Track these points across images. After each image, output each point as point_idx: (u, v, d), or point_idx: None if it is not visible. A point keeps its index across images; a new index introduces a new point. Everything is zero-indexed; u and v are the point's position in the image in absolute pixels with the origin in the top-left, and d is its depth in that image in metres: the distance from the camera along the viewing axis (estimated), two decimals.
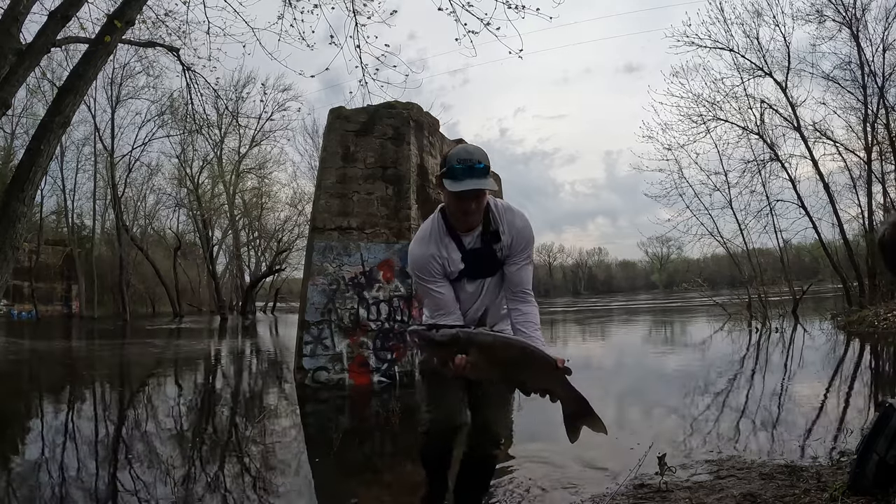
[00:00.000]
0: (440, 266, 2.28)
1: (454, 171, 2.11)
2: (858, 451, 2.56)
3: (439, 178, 2.19)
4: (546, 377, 1.94)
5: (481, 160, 2.12)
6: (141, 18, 7.95)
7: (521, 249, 2.31)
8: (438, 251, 2.28)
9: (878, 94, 14.12)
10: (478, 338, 1.96)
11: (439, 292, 2.28)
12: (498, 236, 2.28)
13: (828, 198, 15.01)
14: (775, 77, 15.38)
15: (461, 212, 2.19)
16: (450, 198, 2.19)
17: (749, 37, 15.50)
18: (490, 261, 2.31)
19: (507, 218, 2.30)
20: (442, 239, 2.29)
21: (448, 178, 2.13)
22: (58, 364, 11.38)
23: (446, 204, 2.27)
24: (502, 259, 2.31)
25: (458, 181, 2.10)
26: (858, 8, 14.15)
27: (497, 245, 2.29)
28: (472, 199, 2.16)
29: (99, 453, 4.45)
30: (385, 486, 3.46)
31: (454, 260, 2.28)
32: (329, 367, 6.97)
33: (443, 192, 2.22)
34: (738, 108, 16.20)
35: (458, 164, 2.11)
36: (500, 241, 2.28)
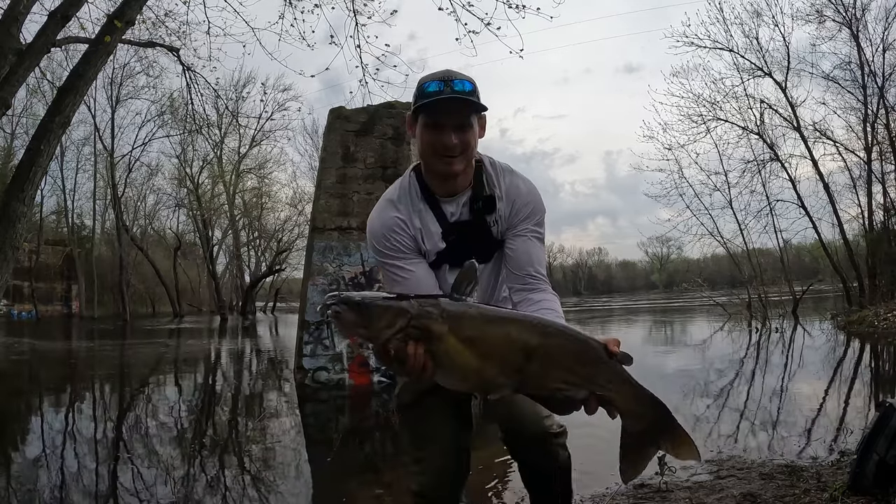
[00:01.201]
0: (409, 238, 1.58)
1: (427, 93, 1.48)
2: (858, 451, 2.56)
3: (409, 118, 1.58)
4: (591, 374, 1.19)
5: (466, 79, 1.51)
6: (141, 18, 7.95)
7: (525, 217, 1.61)
8: (409, 218, 1.59)
9: (878, 94, 14.13)
10: (453, 310, 1.17)
11: (409, 272, 1.55)
12: (493, 204, 1.59)
13: (828, 198, 15.02)
14: (775, 77, 15.39)
15: (439, 149, 1.50)
16: (422, 132, 1.52)
17: (749, 37, 15.52)
18: (482, 238, 1.61)
19: (507, 180, 1.63)
20: (416, 204, 1.61)
21: (421, 107, 1.50)
22: (59, 364, 11.38)
23: (420, 150, 1.58)
24: (499, 236, 1.62)
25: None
26: (858, 8, 14.16)
27: (491, 216, 1.60)
28: (452, 125, 1.49)
29: (99, 453, 4.45)
30: (385, 486, 3.46)
31: (432, 234, 1.59)
32: (329, 367, 6.97)
33: (416, 136, 1.57)
34: (738, 108, 16.22)
35: (432, 84, 1.49)
36: (494, 211, 1.60)
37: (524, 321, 1.24)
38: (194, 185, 32.48)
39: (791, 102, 15.23)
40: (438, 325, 1.16)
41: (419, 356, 1.16)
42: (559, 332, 1.23)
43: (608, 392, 1.20)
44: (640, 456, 1.23)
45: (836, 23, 14.58)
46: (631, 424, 1.22)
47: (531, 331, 1.20)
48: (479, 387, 1.22)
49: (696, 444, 1.24)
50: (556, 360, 1.19)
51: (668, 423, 1.23)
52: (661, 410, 1.22)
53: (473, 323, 1.19)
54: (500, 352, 1.17)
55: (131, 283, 32.99)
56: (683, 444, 1.23)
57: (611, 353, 1.20)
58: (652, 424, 1.22)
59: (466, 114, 1.51)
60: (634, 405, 1.21)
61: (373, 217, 1.63)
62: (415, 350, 1.16)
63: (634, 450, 1.23)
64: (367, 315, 1.15)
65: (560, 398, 1.20)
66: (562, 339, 1.21)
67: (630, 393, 1.21)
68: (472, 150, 1.55)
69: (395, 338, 1.15)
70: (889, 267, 13.67)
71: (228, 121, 18.46)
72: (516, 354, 1.17)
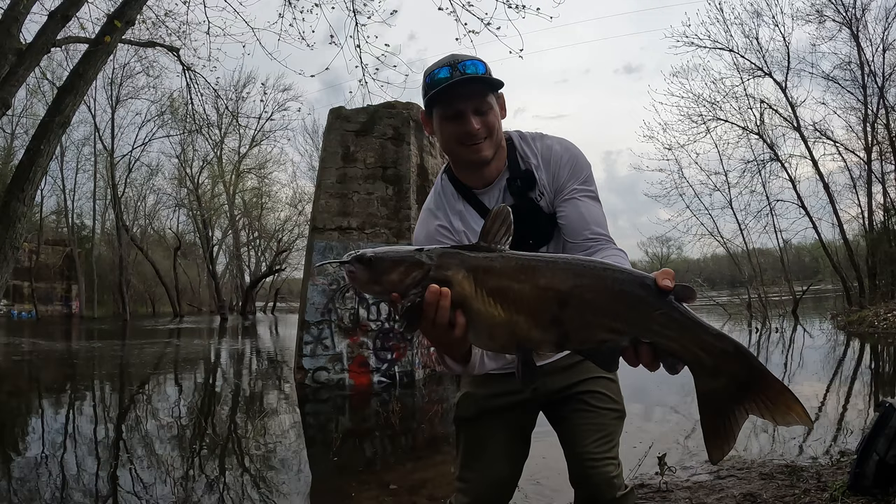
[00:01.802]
0: (456, 243, 1.41)
1: (437, 81, 1.36)
2: (858, 451, 2.56)
3: (424, 115, 1.47)
4: (640, 318, 0.94)
5: (475, 59, 1.39)
6: (141, 18, 7.95)
7: (569, 177, 1.45)
8: (449, 223, 1.48)
9: (878, 94, 14.14)
10: (475, 259, 1.04)
11: None
12: (532, 178, 1.45)
13: (828, 198, 15.05)
14: (775, 77, 15.42)
15: (463, 138, 1.39)
16: (441, 125, 1.41)
17: (749, 37, 15.56)
18: (534, 218, 1.46)
19: (539, 146, 1.49)
20: (453, 206, 1.50)
21: (434, 98, 1.38)
22: (60, 364, 11.38)
23: (442, 144, 1.46)
24: (550, 208, 1.46)
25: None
26: (858, 8, 14.19)
27: (534, 191, 1.46)
28: (471, 110, 1.37)
29: (100, 453, 4.45)
30: (385, 485, 3.45)
31: (478, 232, 1.39)
32: (329, 367, 6.97)
33: (436, 133, 1.46)
34: (738, 108, 16.27)
35: (441, 72, 1.37)
36: (536, 185, 1.45)
37: (555, 264, 1.03)
38: (194, 185, 32.49)
39: (791, 102, 15.28)
40: (459, 277, 1.03)
41: (443, 309, 1.00)
42: (596, 271, 1.00)
43: (664, 339, 0.92)
44: (726, 426, 0.93)
45: (836, 23, 14.63)
46: (703, 381, 0.93)
47: (563, 273, 1.00)
48: (513, 344, 1.04)
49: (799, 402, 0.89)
50: (594, 305, 0.96)
51: (757, 376, 0.90)
52: (742, 360, 0.90)
53: (498, 272, 1.03)
54: (530, 301, 1.00)
55: (131, 283, 32.98)
56: (783, 403, 0.88)
57: (663, 289, 0.92)
58: (732, 380, 0.91)
59: (484, 95, 1.38)
60: (703, 355, 0.91)
61: (417, 232, 1.54)
62: (437, 301, 1.00)
63: (717, 418, 0.93)
64: (379, 269, 1.05)
65: (605, 350, 0.97)
66: (598, 279, 0.98)
67: (694, 339, 0.91)
68: (498, 131, 1.43)
69: (413, 292, 1.03)
70: (889, 267, 13.68)
71: (228, 121, 18.43)
72: (549, 302, 0.98)
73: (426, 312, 1.02)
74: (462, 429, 1.63)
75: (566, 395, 1.56)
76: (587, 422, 1.51)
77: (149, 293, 37.71)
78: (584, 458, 1.48)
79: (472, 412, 1.59)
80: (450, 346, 1.12)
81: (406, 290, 1.04)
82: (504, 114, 1.47)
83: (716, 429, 0.94)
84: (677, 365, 0.94)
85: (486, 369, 1.41)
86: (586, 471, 1.47)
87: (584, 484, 1.49)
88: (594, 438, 1.49)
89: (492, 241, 1.07)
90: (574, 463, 1.51)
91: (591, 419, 1.52)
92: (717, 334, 0.91)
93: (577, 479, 1.52)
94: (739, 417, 0.92)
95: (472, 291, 1.03)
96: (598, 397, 1.54)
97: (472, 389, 1.62)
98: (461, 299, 1.03)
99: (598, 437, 1.49)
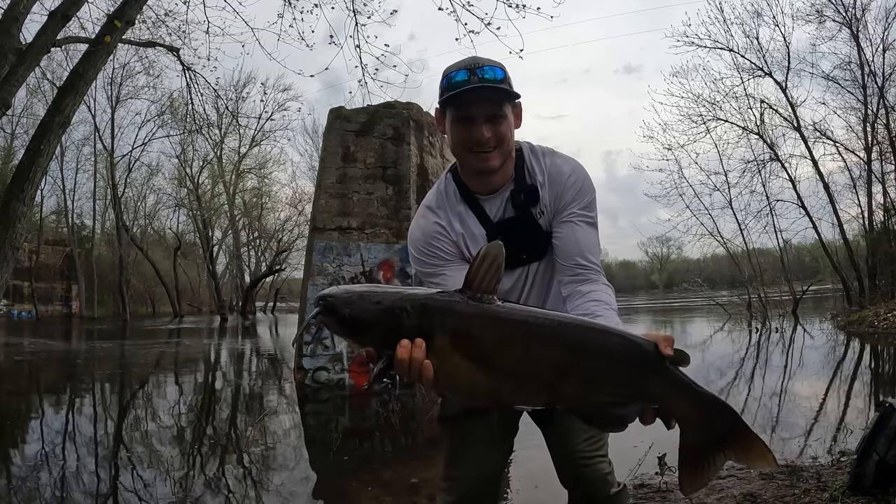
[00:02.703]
0: (451, 243, 1.46)
1: (454, 84, 1.34)
2: (858, 451, 2.56)
3: (438, 113, 1.45)
4: (643, 386, 0.99)
5: (496, 65, 1.37)
6: (141, 18, 7.95)
7: (571, 200, 1.44)
8: (449, 223, 1.47)
9: (878, 94, 14.14)
10: (456, 318, 0.97)
11: (452, 280, 1.39)
12: (535, 193, 1.44)
13: (828, 198, 15.04)
14: (775, 77, 15.42)
15: (472, 145, 1.37)
16: (452, 128, 1.39)
17: (749, 37, 15.56)
18: (530, 234, 1.46)
19: (548, 163, 1.48)
20: (454, 207, 1.49)
21: (448, 101, 1.37)
22: (61, 364, 11.39)
23: (452, 147, 1.45)
24: (548, 227, 1.46)
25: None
26: (858, 8, 14.19)
27: (536, 208, 1.45)
28: (484, 117, 1.35)
29: (100, 453, 4.45)
30: (385, 485, 3.46)
31: (475, 237, 1.46)
32: (329, 367, 6.97)
33: (447, 134, 1.44)
34: (738, 108, 16.27)
35: (459, 74, 1.35)
36: (539, 202, 1.45)
37: (554, 329, 0.99)
38: (194, 185, 32.48)
39: (791, 102, 15.28)
40: (439, 338, 0.96)
41: (416, 362, 0.96)
42: (599, 341, 0.99)
43: (660, 403, 0.99)
44: (704, 468, 1.00)
45: (836, 23, 14.62)
46: (692, 435, 0.99)
47: (563, 342, 0.98)
48: (496, 404, 1.05)
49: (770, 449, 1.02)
50: (597, 376, 0.97)
51: (737, 429, 0.99)
52: (727, 416, 0.99)
53: (484, 334, 0.97)
54: (521, 370, 0.97)
55: (131, 283, 32.99)
56: (756, 451, 0.98)
57: (664, 356, 0.97)
58: (717, 433, 0.98)
59: (499, 103, 1.36)
60: (696, 414, 0.98)
61: (412, 228, 1.52)
62: (409, 358, 0.95)
63: (696, 462, 1.00)
64: (354, 327, 1.00)
65: (608, 417, 0.99)
66: (603, 349, 0.98)
67: (690, 402, 0.98)
68: (509, 141, 1.41)
69: (387, 351, 0.98)
70: (889, 267, 13.68)
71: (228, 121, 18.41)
72: (545, 372, 0.97)
73: (397, 368, 0.97)
74: (446, 428, 1.64)
75: None
76: (577, 422, 1.50)
77: (149, 293, 37.70)
78: (576, 457, 1.48)
79: (456, 410, 1.57)
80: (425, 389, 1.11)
81: (382, 346, 0.99)
82: (519, 123, 1.46)
83: (695, 470, 1.01)
84: (671, 422, 1.00)
85: None
86: (580, 470, 1.47)
87: (579, 483, 1.49)
88: (584, 438, 1.49)
89: (478, 288, 0.99)
90: (566, 463, 1.51)
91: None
92: (709, 396, 0.99)
93: (570, 480, 1.52)
94: (720, 462, 0.99)
95: (450, 353, 0.96)
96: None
97: None
98: (436, 359, 0.96)
99: (588, 437, 1.49)
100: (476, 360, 0.96)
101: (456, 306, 0.98)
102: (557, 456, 1.54)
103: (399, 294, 1.00)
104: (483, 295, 0.99)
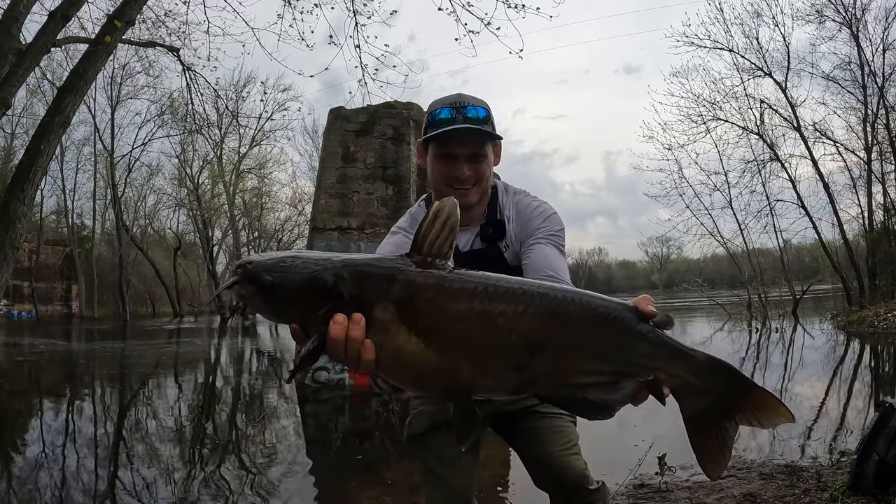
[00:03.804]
0: None
1: (438, 121, 1.40)
2: (858, 451, 2.57)
3: (421, 146, 1.51)
4: (627, 356, 0.85)
5: (479, 105, 1.43)
6: (141, 18, 7.96)
7: (538, 227, 1.48)
8: None
9: (878, 94, 14.14)
10: (406, 285, 0.82)
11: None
12: (502, 228, 1.50)
13: (828, 198, 15.04)
14: (775, 77, 15.42)
15: (452, 181, 1.42)
16: (434, 163, 1.45)
17: (749, 37, 15.55)
18: (497, 266, 1.40)
19: (517, 200, 1.55)
20: None
21: (432, 137, 1.43)
22: (62, 364, 11.39)
23: (432, 180, 1.49)
24: (513, 261, 1.49)
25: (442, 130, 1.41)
26: (858, 8, 14.19)
27: (502, 242, 1.50)
28: (465, 156, 1.40)
29: (100, 453, 4.45)
30: (385, 485, 3.46)
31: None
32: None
33: (427, 166, 1.49)
34: (737, 108, 16.27)
35: (443, 111, 1.41)
36: (505, 236, 1.50)
37: (521, 296, 0.83)
38: (194, 185, 32.49)
39: (791, 102, 15.28)
40: (381, 310, 0.81)
41: (354, 343, 0.80)
42: (575, 307, 0.83)
43: (651, 372, 0.85)
44: (719, 441, 0.88)
45: (836, 23, 14.62)
46: (691, 405, 0.87)
47: (533, 311, 0.82)
48: (453, 392, 0.84)
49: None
50: (575, 349, 0.82)
51: (740, 387, 0.86)
52: (728, 375, 0.87)
53: (437, 305, 0.80)
54: (484, 346, 0.81)
55: (131, 283, 33.00)
56: (767, 407, 0.86)
57: (645, 316, 0.85)
58: (720, 396, 0.86)
59: (481, 143, 1.42)
60: (691, 379, 0.85)
61: (382, 245, 1.48)
62: (344, 336, 0.80)
63: (708, 436, 0.88)
64: (277, 298, 0.82)
65: (592, 401, 0.84)
66: (580, 316, 0.83)
67: (682, 365, 0.85)
68: (487, 179, 1.47)
69: (319, 328, 0.81)
70: (889, 267, 13.68)
71: (228, 121, 18.45)
72: (513, 348, 0.81)
73: (331, 350, 0.81)
74: (416, 446, 1.59)
75: (520, 408, 1.55)
76: (549, 426, 1.52)
77: (149, 293, 37.73)
78: (554, 457, 1.48)
79: (424, 427, 1.56)
80: (362, 375, 0.90)
81: (310, 323, 0.83)
82: (497, 161, 1.51)
83: (709, 447, 0.89)
84: (664, 395, 0.88)
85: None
86: (559, 469, 1.48)
87: (559, 482, 1.49)
88: (559, 440, 1.50)
89: (429, 252, 0.84)
90: (545, 465, 1.50)
91: (552, 423, 1.52)
92: (704, 355, 0.87)
93: (550, 481, 1.52)
94: (731, 430, 0.89)
95: (395, 328, 0.81)
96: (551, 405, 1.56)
97: (424, 406, 1.60)
98: (378, 335, 0.81)
99: (563, 440, 1.51)
100: (427, 336, 0.80)
101: (402, 272, 0.82)
102: (532, 461, 1.53)
103: (331, 259, 0.84)
104: (434, 260, 0.83)
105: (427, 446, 1.56)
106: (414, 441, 1.60)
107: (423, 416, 1.59)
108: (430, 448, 1.55)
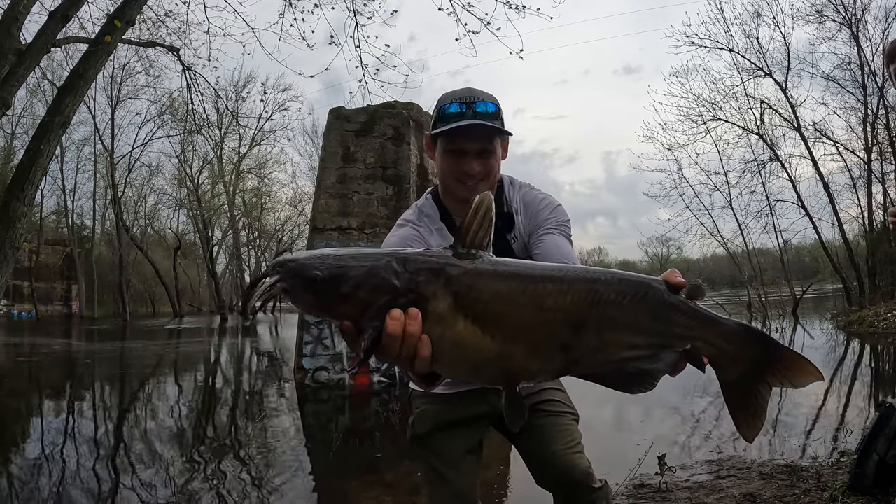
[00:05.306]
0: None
1: (448, 116, 1.40)
2: (858, 451, 2.56)
3: (429, 139, 1.50)
4: (665, 327, 0.88)
5: (489, 100, 1.42)
6: (141, 18, 7.95)
7: (546, 218, 1.49)
8: (429, 234, 1.49)
9: (877, 94, 14.13)
10: (459, 275, 0.84)
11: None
12: (511, 220, 1.51)
13: (828, 198, 15.04)
14: (775, 77, 15.42)
15: (460, 176, 1.42)
16: (442, 158, 1.44)
17: (749, 37, 15.56)
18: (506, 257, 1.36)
19: (524, 193, 1.56)
20: (434, 222, 1.52)
21: (441, 132, 1.41)
22: (62, 364, 11.39)
23: (440, 173, 1.49)
24: (521, 253, 1.50)
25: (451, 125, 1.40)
26: (858, 8, 14.19)
27: (510, 234, 1.51)
28: (475, 151, 1.40)
29: (100, 453, 4.45)
30: (385, 486, 3.46)
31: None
32: (329, 367, 6.97)
33: (436, 160, 1.48)
34: (738, 108, 16.27)
35: (452, 106, 1.40)
36: (513, 228, 1.51)
37: (562, 279, 0.87)
38: (194, 185, 32.46)
39: (791, 102, 15.28)
40: (439, 301, 0.82)
41: (411, 338, 0.80)
42: (612, 285, 0.87)
43: (689, 342, 0.88)
44: (754, 404, 0.93)
45: (836, 23, 14.62)
46: (730, 370, 0.91)
47: (576, 289, 0.85)
48: (502, 378, 0.88)
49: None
50: (617, 323, 0.86)
51: (771, 351, 0.91)
52: (758, 341, 0.91)
53: (491, 292, 0.83)
54: (532, 327, 0.84)
55: (131, 283, 32.99)
56: (798, 367, 0.91)
57: (676, 288, 0.88)
58: (753, 362, 0.91)
59: (490, 139, 1.41)
60: (726, 346, 0.90)
61: (389, 237, 1.48)
62: (402, 332, 0.79)
63: (744, 400, 0.93)
64: (328, 294, 0.81)
65: (634, 374, 0.88)
66: (619, 293, 0.86)
67: (716, 333, 0.89)
68: (495, 174, 1.47)
69: (373, 324, 0.81)
70: (889, 267, 13.68)
71: (228, 121, 18.45)
72: (559, 326, 0.84)
73: (387, 346, 0.80)
74: (420, 447, 1.59)
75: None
76: (552, 424, 1.52)
77: (149, 293, 37.73)
78: (558, 455, 1.49)
79: (428, 427, 1.56)
80: (414, 371, 0.87)
81: (364, 320, 0.82)
82: (505, 155, 1.51)
83: (746, 410, 0.94)
84: (703, 364, 0.91)
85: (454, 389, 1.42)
86: (564, 467, 1.48)
87: (564, 479, 1.49)
88: (563, 439, 1.51)
89: (471, 244, 0.86)
90: (548, 464, 1.50)
91: (556, 422, 1.53)
92: (736, 323, 0.92)
93: (553, 479, 1.51)
94: (765, 392, 0.93)
95: (453, 317, 0.82)
96: (555, 404, 1.56)
97: (428, 406, 1.59)
98: (437, 326, 0.82)
99: (567, 439, 1.51)
100: (484, 323, 0.82)
101: (455, 263, 0.84)
102: (535, 459, 1.53)
103: (379, 252, 0.85)
104: (477, 251, 0.87)
105: (431, 447, 1.56)
106: (418, 441, 1.59)
107: (426, 416, 1.58)
108: (434, 448, 1.55)
